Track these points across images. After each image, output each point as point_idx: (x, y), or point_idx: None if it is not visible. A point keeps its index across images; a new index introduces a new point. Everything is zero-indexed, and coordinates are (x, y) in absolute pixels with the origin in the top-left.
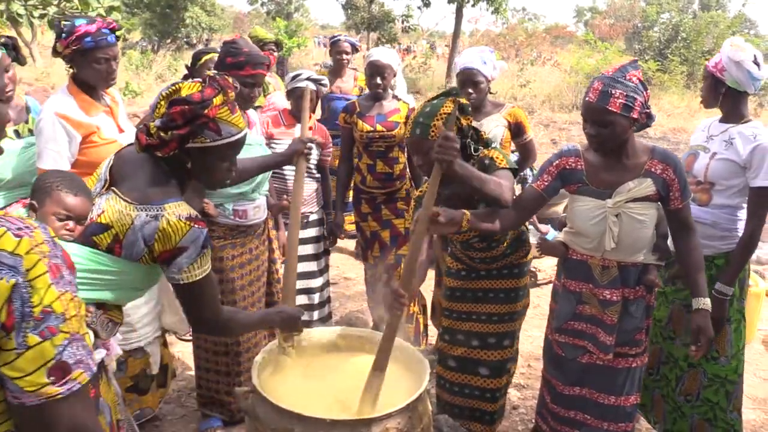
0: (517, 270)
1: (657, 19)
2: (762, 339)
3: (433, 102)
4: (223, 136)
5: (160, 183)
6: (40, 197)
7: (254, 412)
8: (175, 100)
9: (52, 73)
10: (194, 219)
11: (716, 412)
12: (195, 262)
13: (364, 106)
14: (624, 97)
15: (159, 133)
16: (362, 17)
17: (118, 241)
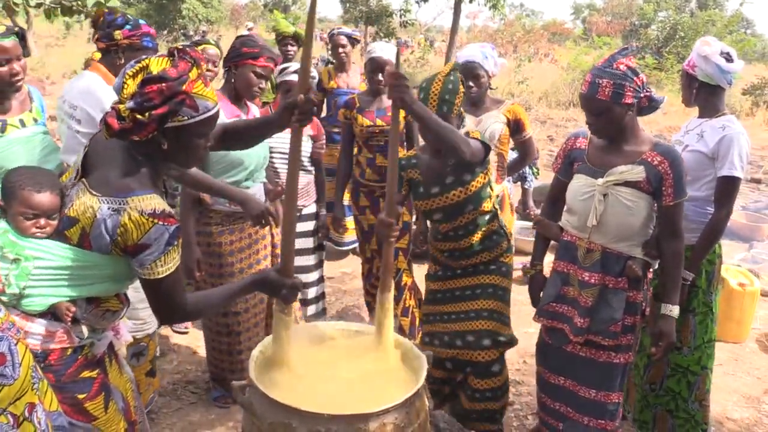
0: (494, 266)
1: (654, 17)
2: (756, 338)
3: (452, 78)
4: (200, 111)
5: (128, 172)
6: (6, 198)
7: (251, 407)
8: (149, 77)
9: (47, 63)
10: (159, 215)
11: (678, 402)
12: (158, 259)
13: (364, 101)
14: (611, 86)
15: (134, 116)
16: (360, 11)
17: (86, 235)
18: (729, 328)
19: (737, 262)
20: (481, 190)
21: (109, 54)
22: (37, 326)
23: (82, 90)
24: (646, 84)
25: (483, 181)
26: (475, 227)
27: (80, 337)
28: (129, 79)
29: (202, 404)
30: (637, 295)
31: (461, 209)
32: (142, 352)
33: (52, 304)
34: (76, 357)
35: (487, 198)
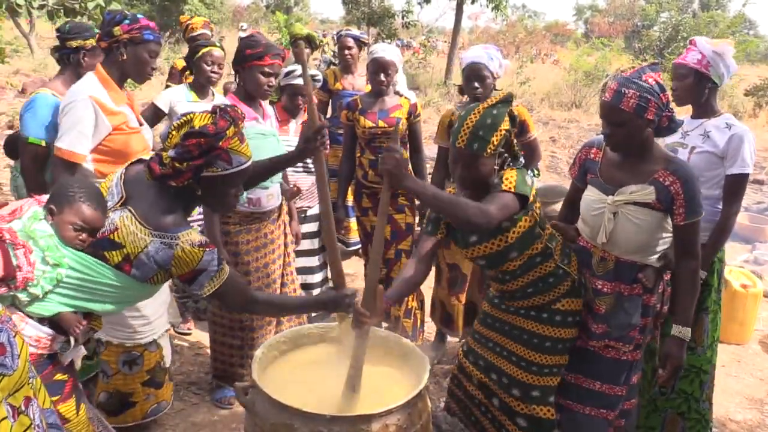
0: (546, 314)
1: (657, 18)
2: (759, 339)
3: (494, 112)
4: (234, 165)
5: (170, 210)
6: (60, 204)
7: (253, 408)
8: (190, 132)
9: (49, 65)
10: (205, 245)
11: (690, 403)
12: (214, 277)
13: (366, 103)
14: (637, 98)
15: (173, 164)
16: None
17: (128, 261)
18: (732, 330)
19: (740, 264)
20: (525, 235)
21: (111, 53)
22: (29, 329)
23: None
24: (670, 103)
25: (527, 225)
26: (523, 271)
27: (63, 348)
28: (174, 130)
29: (204, 405)
30: (651, 298)
31: (504, 257)
32: (135, 361)
33: (60, 312)
34: (49, 362)
35: (536, 240)
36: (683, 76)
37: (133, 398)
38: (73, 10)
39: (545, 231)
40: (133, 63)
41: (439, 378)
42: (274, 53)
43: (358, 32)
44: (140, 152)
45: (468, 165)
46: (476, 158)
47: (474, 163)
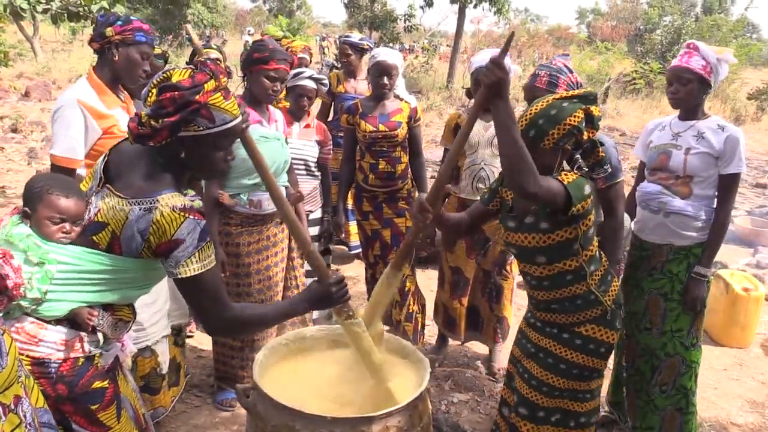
0: (567, 335)
1: (659, 21)
2: (761, 343)
3: (563, 105)
4: (217, 123)
5: (153, 176)
6: (32, 203)
7: (255, 409)
8: (165, 86)
9: (53, 68)
10: (189, 210)
11: (689, 398)
12: (193, 255)
13: (367, 107)
14: (548, 76)
15: (150, 122)
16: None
17: (116, 238)
18: (733, 333)
19: (742, 267)
20: (561, 245)
21: (104, 54)
22: (51, 333)
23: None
24: (580, 84)
25: (566, 235)
26: (552, 285)
27: (94, 346)
28: (153, 87)
29: (206, 408)
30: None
31: (531, 257)
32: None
33: (72, 310)
34: (87, 367)
35: (571, 256)
36: (687, 80)
37: None
38: (76, 14)
39: (586, 252)
40: (125, 64)
41: (441, 381)
42: (280, 58)
43: (357, 38)
44: None
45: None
46: (533, 147)
47: (531, 150)
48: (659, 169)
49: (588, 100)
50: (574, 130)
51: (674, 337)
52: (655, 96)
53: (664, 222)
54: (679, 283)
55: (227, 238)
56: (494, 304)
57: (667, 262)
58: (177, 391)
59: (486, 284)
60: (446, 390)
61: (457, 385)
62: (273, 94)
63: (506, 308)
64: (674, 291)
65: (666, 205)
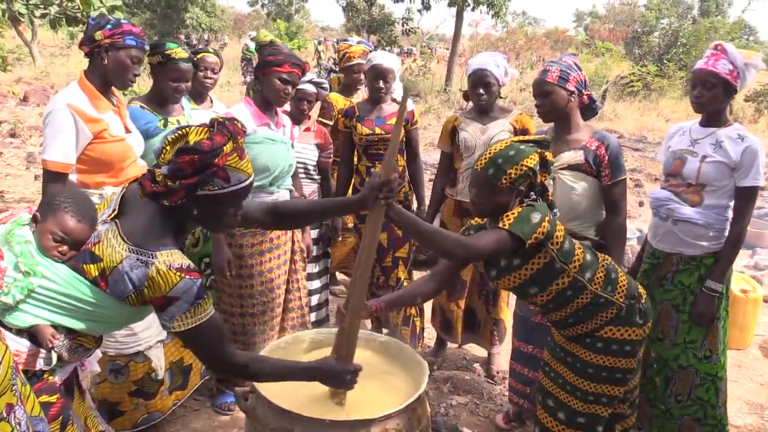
0: (589, 340)
1: (656, 24)
2: (759, 344)
3: (521, 147)
4: (232, 183)
5: (157, 228)
6: (44, 212)
7: (253, 412)
8: (183, 148)
9: (51, 73)
10: (186, 270)
11: (707, 410)
12: (188, 311)
13: (363, 110)
14: (559, 71)
15: (166, 182)
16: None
17: (104, 276)
18: (732, 335)
19: (740, 269)
20: (542, 272)
21: (94, 58)
22: (11, 343)
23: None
24: (587, 83)
25: (541, 262)
26: (558, 305)
27: (45, 365)
28: (168, 145)
29: (205, 411)
30: None
31: (525, 291)
32: (120, 371)
33: (35, 325)
34: (36, 381)
35: (559, 276)
36: (712, 85)
37: (120, 407)
38: (75, 19)
39: (571, 264)
40: (115, 68)
41: (439, 384)
42: (294, 62)
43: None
44: (126, 161)
45: (481, 189)
46: (490, 185)
47: (487, 188)
48: (673, 175)
49: (543, 146)
50: (529, 171)
51: (687, 348)
52: (652, 98)
53: (672, 230)
54: (690, 294)
55: (231, 239)
56: (491, 307)
57: (678, 273)
58: (182, 395)
59: (483, 287)
60: (445, 393)
61: (455, 388)
62: (284, 96)
63: (503, 311)
64: (686, 303)
65: (674, 212)
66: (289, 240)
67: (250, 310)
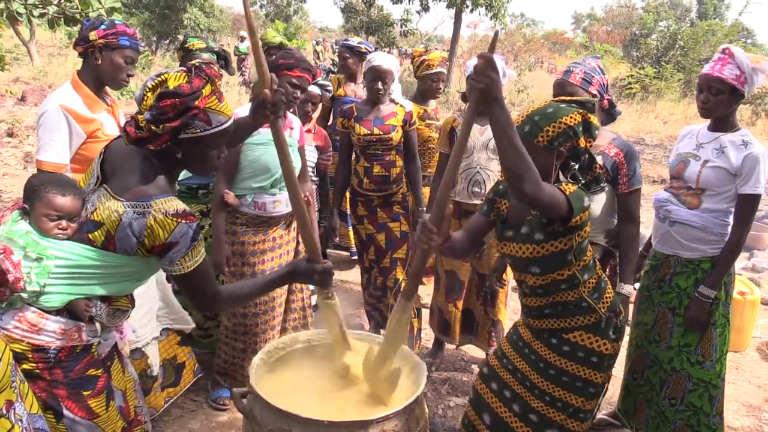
0: (555, 341)
1: (654, 26)
2: (757, 347)
3: (561, 106)
4: (213, 125)
5: (148, 178)
6: (30, 200)
7: (251, 413)
8: (164, 93)
9: (49, 73)
10: (182, 214)
11: (700, 417)
12: (186, 255)
13: (362, 110)
14: (583, 73)
15: (149, 126)
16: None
17: (110, 238)
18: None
19: (738, 271)
20: (555, 256)
21: (88, 58)
22: (51, 323)
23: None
24: (609, 87)
25: (561, 246)
26: (544, 291)
27: (92, 336)
28: (149, 91)
29: (202, 412)
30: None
31: (525, 267)
32: None
33: (70, 301)
34: (84, 355)
35: (564, 266)
36: (719, 90)
37: None
38: (73, 18)
39: (580, 261)
40: (108, 68)
41: (437, 385)
42: (305, 67)
43: (355, 41)
44: None
45: None
46: (526, 143)
47: (525, 146)
48: (675, 177)
49: (586, 107)
50: (569, 130)
51: (681, 352)
52: (650, 100)
53: (669, 231)
54: (686, 298)
55: (233, 237)
56: (489, 308)
57: (675, 275)
58: (174, 392)
59: (481, 288)
60: (443, 394)
61: (453, 389)
62: (294, 101)
63: (501, 312)
64: (682, 306)
65: (670, 213)
66: (292, 240)
67: (252, 309)
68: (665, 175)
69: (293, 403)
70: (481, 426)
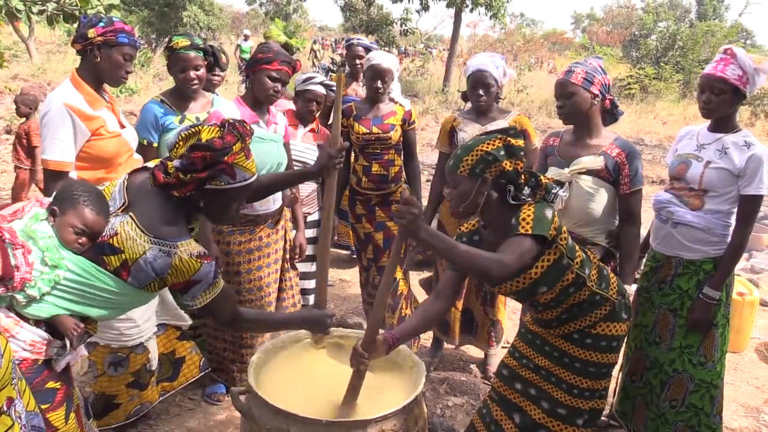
0: (577, 336)
1: (654, 27)
2: (755, 347)
3: (480, 137)
4: (237, 180)
5: (171, 220)
6: (63, 206)
7: (250, 412)
8: (197, 145)
9: (48, 70)
10: (203, 256)
11: (701, 417)
12: (207, 290)
13: (361, 109)
14: (584, 73)
15: (178, 174)
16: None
17: (126, 267)
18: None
19: (736, 272)
20: (552, 269)
21: (86, 55)
22: (24, 333)
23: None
24: (611, 87)
25: (552, 258)
26: (557, 303)
27: (59, 353)
28: (181, 140)
29: (200, 411)
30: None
31: (534, 292)
32: (121, 363)
33: (57, 316)
34: (44, 368)
35: (566, 271)
36: (721, 91)
37: (117, 400)
38: (72, 15)
39: (575, 259)
40: (107, 66)
41: (436, 384)
42: (283, 60)
43: (368, 41)
44: (123, 156)
45: (450, 185)
46: (451, 176)
47: (451, 181)
48: (677, 178)
49: (507, 133)
50: (486, 156)
51: (683, 353)
52: (649, 101)
53: (671, 232)
54: (688, 299)
55: (219, 236)
56: (488, 308)
57: (676, 276)
58: (170, 387)
59: (480, 288)
60: (441, 394)
61: (452, 389)
62: (274, 94)
63: (500, 312)
64: (683, 307)
65: (673, 214)
66: (280, 239)
67: (239, 297)
68: (664, 175)
69: (292, 402)
70: (509, 425)
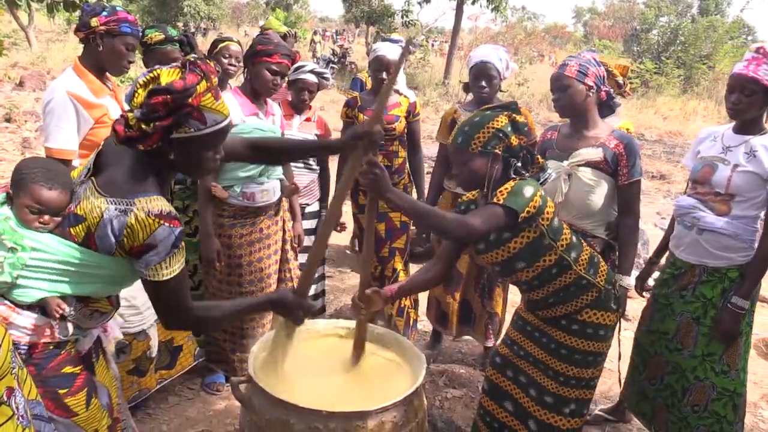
0: (564, 322)
1: (655, 22)
2: (754, 344)
3: (486, 113)
4: (208, 124)
5: (135, 176)
6: (16, 188)
7: (250, 402)
8: (155, 89)
9: (48, 58)
10: (165, 216)
11: (723, 425)
12: (163, 261)
13: (366, 100)
14: (578, 66)
15: (139, 125)
16: (362, 11)
17: (91, 234)
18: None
19: None
20: (530, 246)
21: (89, 44)
22: (23, 318)
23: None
24: (606, 79)
25: (530, 236)
26: (541, 283)
27: (64, 335)
28: (140, 88)
29: (199, 400)
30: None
31: (512, 267)
32: (123, 350)
33: (43, 298)
34: (58, 352)
35: (547, 252)
36: (752, 91)
37: None
38: (72, 4)
39: (559, 242)
40: (110, 55)
41: (435, 377)
42: (284, 53)
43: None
44: None
45: (457, 162)
46: (461, 153)
47: (460, 159)
48: (700, 182)
49: (510, 109)
50: (498, 132)
51: (705, 361)
52: (650, 96)
53: (697, 239)
54: (712, 308)
55: (220, 229)
56: (486, 300)
57: (700, 284)
58: (167, 374)
59: (479, 280)
60: (440, 386)
61: (451, 381)
62: (273, 87)
63: (498, 304)
64: (707, 316)
65: (699, 221)
66: (279, 230)
67: (238, 289)
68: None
69: (291, 392)
70: (502, 414)
